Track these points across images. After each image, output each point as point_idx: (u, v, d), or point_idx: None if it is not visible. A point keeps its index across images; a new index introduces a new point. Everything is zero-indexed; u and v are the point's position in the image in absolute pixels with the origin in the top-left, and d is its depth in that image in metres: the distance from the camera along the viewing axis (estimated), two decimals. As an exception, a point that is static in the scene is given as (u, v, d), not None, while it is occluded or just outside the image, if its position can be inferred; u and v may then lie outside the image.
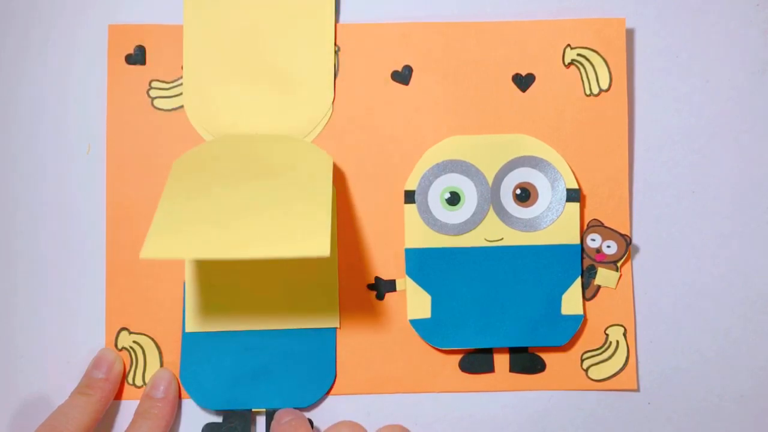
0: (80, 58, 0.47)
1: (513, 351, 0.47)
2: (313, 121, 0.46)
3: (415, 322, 0.46)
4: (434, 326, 0.46)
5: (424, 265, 0.46)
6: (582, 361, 0.47)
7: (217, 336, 0.46)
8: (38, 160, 0.47)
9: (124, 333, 0.46)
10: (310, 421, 0.46)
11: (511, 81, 0.47)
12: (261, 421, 0.46)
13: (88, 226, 0.47)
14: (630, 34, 0.48)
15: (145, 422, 0.44)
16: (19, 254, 0.47)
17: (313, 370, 0.46)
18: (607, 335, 0.47)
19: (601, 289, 0.47)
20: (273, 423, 0.44)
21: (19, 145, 0.47)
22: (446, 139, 0.47)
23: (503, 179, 0.47)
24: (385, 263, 0.47)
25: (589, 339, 0.47)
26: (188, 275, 0.46)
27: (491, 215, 0.47)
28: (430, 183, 0.47)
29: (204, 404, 0.46)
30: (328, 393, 0.46)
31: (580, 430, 0.47)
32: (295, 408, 0.46)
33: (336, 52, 0.47)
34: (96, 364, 0.45)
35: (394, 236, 0.47)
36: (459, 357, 0.47)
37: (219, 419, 0.46)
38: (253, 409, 0.46)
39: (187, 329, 0.46)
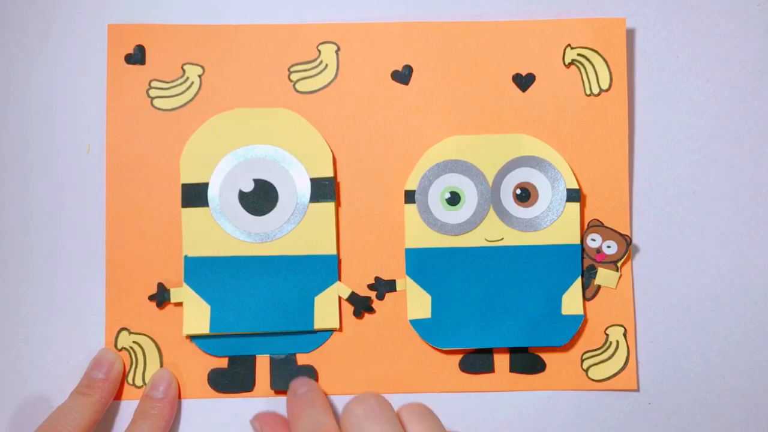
0: (80, 58, 0.47)
1: (513, 351, 0.47)
2: None
3: (415, 322, 0.46)
4: (434, 326, 0.46)
5: (424, 265, 0.46)
6: (582, 361, 0.47)
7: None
8: (38, 160, 0.47)
9: (124, 333, 0.46)
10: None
11: (512, 81, 0.47)
12: (264, 365, 0.47)
13: (88, 226, 0.47)
14: (630, 33, 0.48)
15: (144, 422, 0.44)
16: (19, 254, 0.47)
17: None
18: (607, 335, 0.47)
19: (601, 289, 0.47)
20: (288, 394, 0.44)
21: (19, 145, 0.47)
22: (446, 139, 0.47)
23: (503, 179, 0.47)
24: (385, 263, 0.47)
25: (589, 339, 0.47)
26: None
27: (491, 215, 0.47)
28: (431, 183, 0.47)
29: (209, 350, 0.46)
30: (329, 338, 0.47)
31: (580, 430, 0.47)
32: (298, 352, 0.46)
33: (336, 52, 0.47)
34: (96, 364, 0.45)
35: (394, 236, 0.47)
36: (459, 357, 0.47)
37: (224, 365, 0.46)
38: (256, 355, 0.46)
39: (186, 331, 0.46)
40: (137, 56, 0.47)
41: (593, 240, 0.47)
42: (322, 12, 0.48)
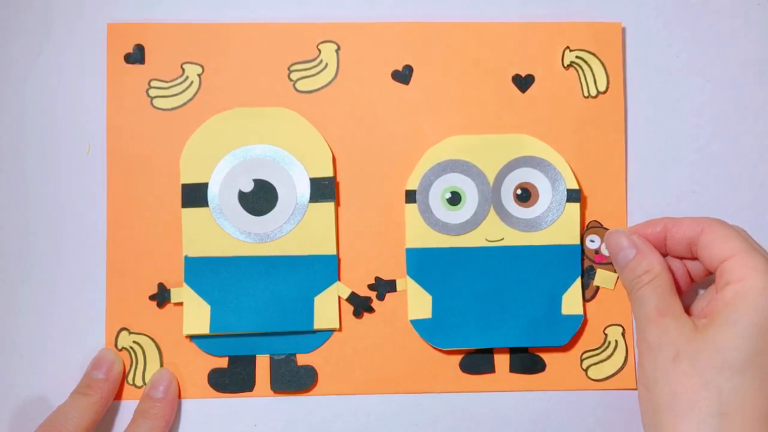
0: (79, 58, 0.47)
1: (513, 351, 0.47)
2: None
3: (415, 323, 0.46)
4: (435, 326, 0.46)
5: (424, 265, 0.46)
6: (581, 361, 0.47)
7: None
8: (38, 160, 0.47)
9: (124, 333, 0.46)
10: None
11: (511, 82, 0.47)
12: (264, 365, 0.47)
13: (88, 226, 0.47)
14: (631, 33, 0.48)
15: (144, 422, 0.44)
16: (19, 254, 0.47)
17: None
18: (606, 335, 0.47)
19: (600, 290, 0.47)
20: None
21: (19, 145, 0.47)
22: (447, 139, 0.47)
23: (504, 179, 0.47)
24: (386, 263, 0.47)
25: (588, 339, 0.47)
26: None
27: (492, 215, 0.47)
28: (431, 183, 0.47)
29: (209, 350, 0.46)
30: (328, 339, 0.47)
31: (580, 430, 0.47)
32: (298, 352, 0.46)
33: (336, 51, 0.47)
34: (96, 364, 0.45)
35: (395, 236, 0.47)
36: (459, 357, 0.47)
37: (224, 365, 0.46)
38: (257, 355, 0.46)
39: (186, 331, 0.46)
40: (136, 55, 0.47)
41: (592, 241, 0.47)
42: (322, 11, 0.48)
